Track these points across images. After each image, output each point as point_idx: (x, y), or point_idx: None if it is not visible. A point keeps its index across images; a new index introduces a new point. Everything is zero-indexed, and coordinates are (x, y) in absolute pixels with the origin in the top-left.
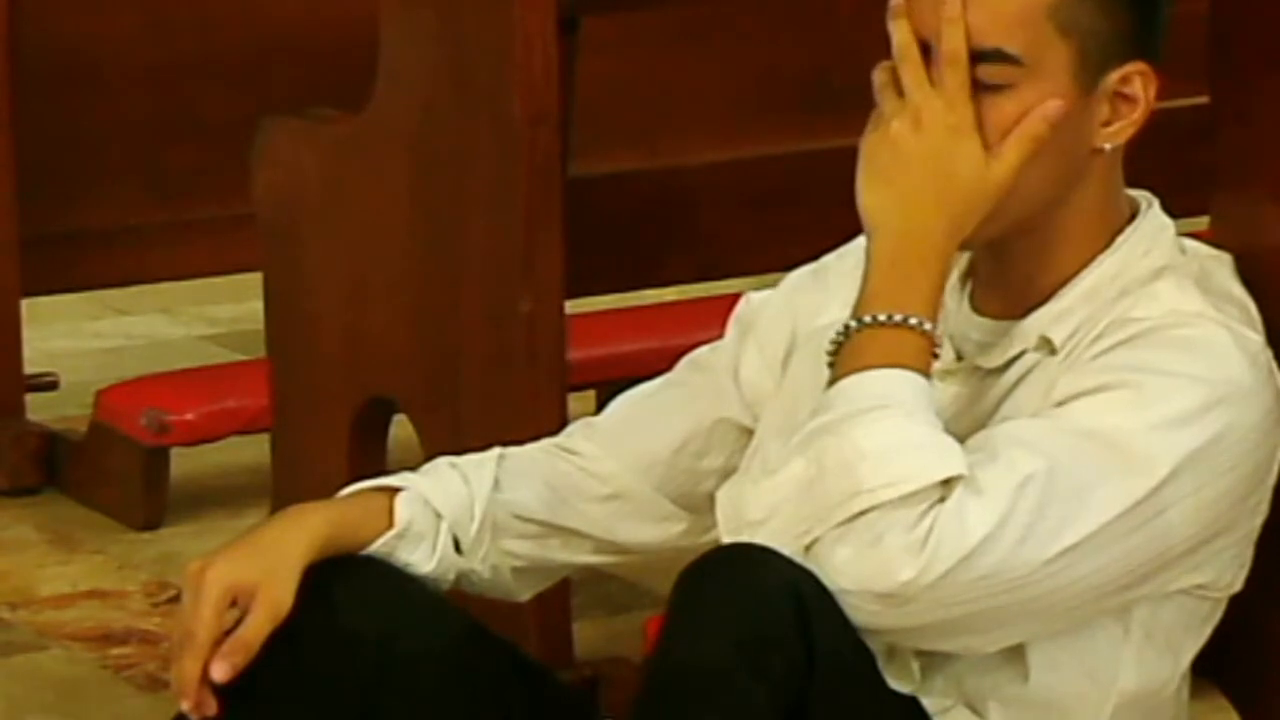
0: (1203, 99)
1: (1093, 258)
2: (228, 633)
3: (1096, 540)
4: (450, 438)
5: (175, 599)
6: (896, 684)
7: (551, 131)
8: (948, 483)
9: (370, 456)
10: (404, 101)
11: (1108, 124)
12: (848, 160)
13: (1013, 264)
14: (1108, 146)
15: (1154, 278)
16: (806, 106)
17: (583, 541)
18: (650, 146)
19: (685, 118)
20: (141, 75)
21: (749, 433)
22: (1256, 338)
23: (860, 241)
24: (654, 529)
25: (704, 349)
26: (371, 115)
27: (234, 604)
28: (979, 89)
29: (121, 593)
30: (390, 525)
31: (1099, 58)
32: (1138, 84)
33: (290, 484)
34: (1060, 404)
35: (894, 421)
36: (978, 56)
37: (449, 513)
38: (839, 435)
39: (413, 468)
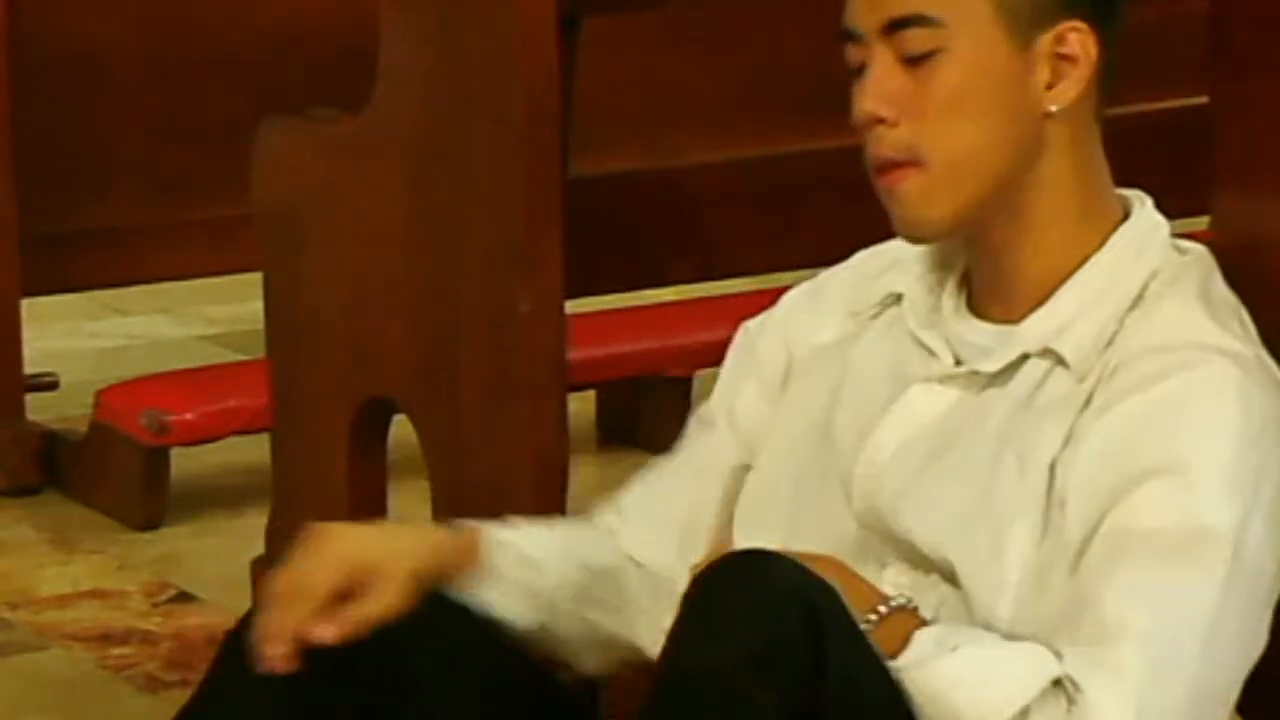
0: (1203, 99)
1: (1085, 257)
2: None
3: (1219, 633)
4: (450, 438)
5: (175, 599)
6: None
7: (552, 131)
8: (1057, 683)
9: (370, 456)
10: (404, 101)
11: (1051, 86)
12: (848, 160)
13: (1000, 256)
14: (1054, 108)
15: (1159, 295)
16: (806, 106)
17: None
18: (650, 146)
19: (685, 118)
20: (142, 75)
21: None
22: (1250, 352)
23: (859, 256)
24: None
25: (707, 403)
26: (371, 115)
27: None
28: (911, 64)
29: (121, 593)
30: (481, 563)
31: (1027, 15)
32: (1074, 42)
33: (290, 484)
34: (1114, 500)
35: (970, 651)
36: (899, 24)
37: (539, 568)
38: (925, 670)
39: (413, 468)
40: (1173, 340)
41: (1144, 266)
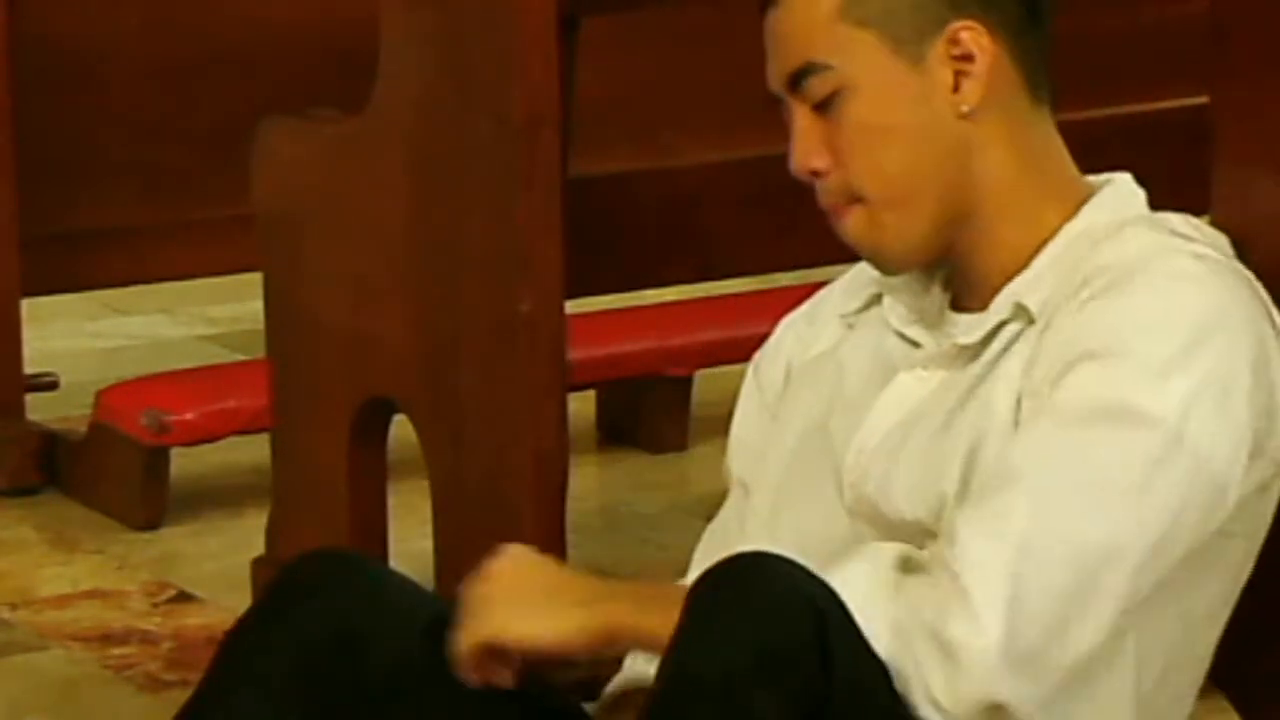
0: (1203, 99)
1: (1058, 228)
2: None
3: (1130, 505)
4: (450, 438)
5: (175, 599)
6: None
7: (551, 131)
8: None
9: (370, 456)
10: (404, 101)
11: (956, 88)
12: None
13: (969, 259)
14: (966, 108)
15: (1119, 229)
16: None
17: None
18: (650, 146)
19: (685, 118)
20: (141, 75)
21: None
22: (1218, 257)
23: (852, 270)
24: None
25: (728, 453)
26: (371, 115)
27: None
28: (821, 110)
29: (121, 593)
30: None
31: (911, 33)
32: (967, 41)
33: (290, 484)
34: (1053, 384)
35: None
36: (795, 77)
37: None
38: None
39: (413, 468)
40: (1136, 257)
41: (1112, 219)
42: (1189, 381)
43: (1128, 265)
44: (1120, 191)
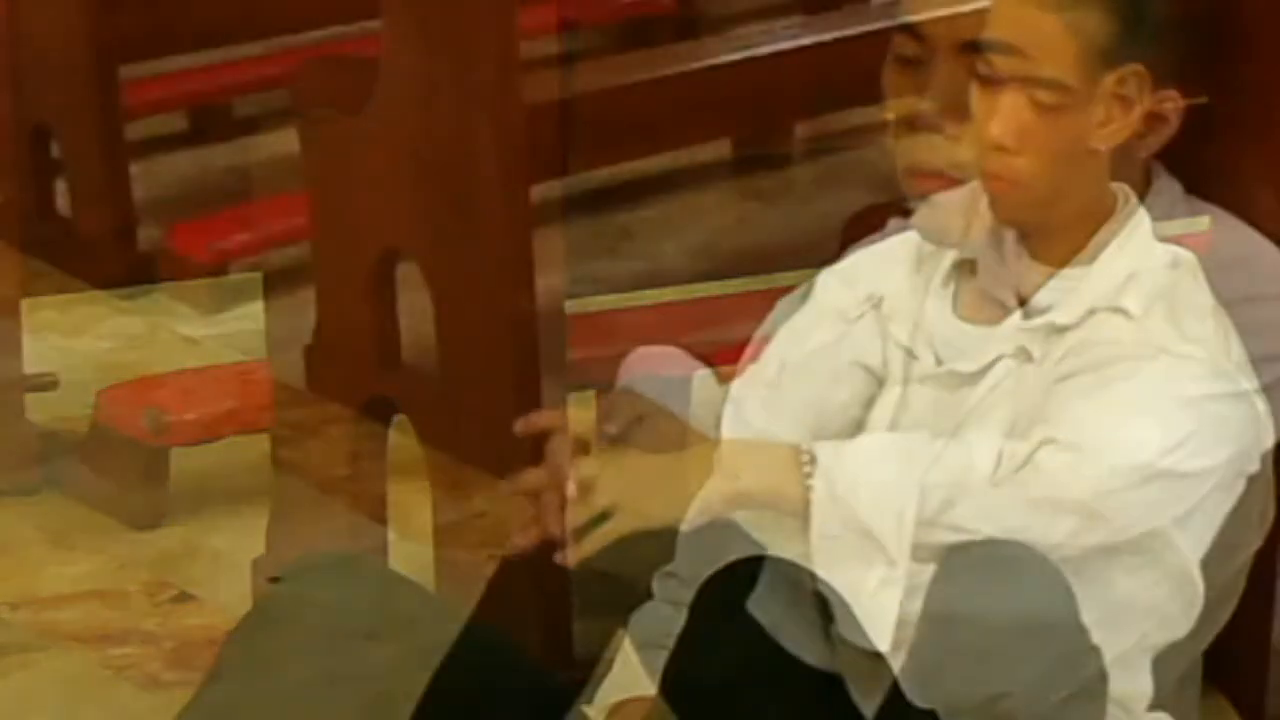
0: (1203, 99)
1: (1072, 255)
2: None
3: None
4: (450, 437)
5: (175, 599)
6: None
7: (552, 131)
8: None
9: (370, 456)
10: (404, 101)
11: (1104, 125)
12: None
13: (1006, 260)
14: (1102, 147)
15: (1122, 292)
16: None
17: None
18: (650, 146)
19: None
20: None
21: None
22: (1202, 354)
23: (850, 259)
24: None
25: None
26: (371, 115)
27: None
28: (980, 82)
29: (121, 593)
30: None
31: (1099, 59)
32: (1133, 86)
33: (290, 484)
34: (1024, 458)
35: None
36: (984, 46)
37: None
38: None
39: (413, 468)
40: (1126, 338)
41: (1121, 270)
42: (1150, 489)
43: (1116, 353)
44: (1127, 227)
